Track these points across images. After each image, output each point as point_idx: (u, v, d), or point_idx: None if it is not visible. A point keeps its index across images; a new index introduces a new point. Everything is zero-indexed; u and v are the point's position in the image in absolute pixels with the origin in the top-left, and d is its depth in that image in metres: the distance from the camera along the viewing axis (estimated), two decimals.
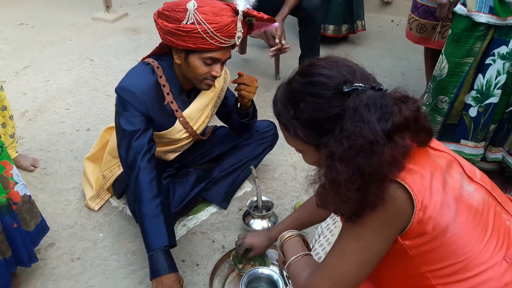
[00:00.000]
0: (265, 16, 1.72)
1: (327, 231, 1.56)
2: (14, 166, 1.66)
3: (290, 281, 1.48)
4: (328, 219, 1.61)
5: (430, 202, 1.00)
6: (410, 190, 0.99)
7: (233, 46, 1.74)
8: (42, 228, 1.80)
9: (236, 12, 1.66)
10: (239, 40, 1.70)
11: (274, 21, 1.79)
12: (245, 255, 1.80)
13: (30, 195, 1.72)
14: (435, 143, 1.15)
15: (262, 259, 1.85)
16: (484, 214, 1.07)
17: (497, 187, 1.20)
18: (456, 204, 1.04)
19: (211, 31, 1.61)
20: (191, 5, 1.61)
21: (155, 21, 1.73)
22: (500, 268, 1.03)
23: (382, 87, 1.03)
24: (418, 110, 1.03)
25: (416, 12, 2.72)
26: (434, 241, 1.02)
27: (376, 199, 0.98)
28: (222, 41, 1.65)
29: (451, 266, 1.03)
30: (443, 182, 1.04)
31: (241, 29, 1.67)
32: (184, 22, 1.62)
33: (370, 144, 0.96)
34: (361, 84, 1.00)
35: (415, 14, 2.74)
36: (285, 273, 1.79)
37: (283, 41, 2.65)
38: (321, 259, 1.24)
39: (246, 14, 1.68)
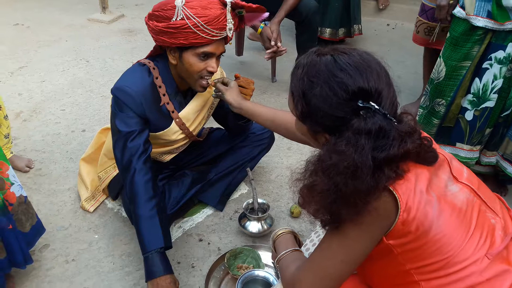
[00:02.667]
0: (254, 6, 1.72)
1: (320, 229, 1.59)
2: (11, 167, 1.65)
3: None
4: None
5: (413, 203, 1.03)
6: (395, 193, 1.02)
7: (226, 39, 1.73)
8: (38, 229, 1.79)
9: (224, 4, 1.67)
10: (231, 32, 1.70)
11: (265, 11, 1.79)
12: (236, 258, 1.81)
13: (26, 196, 1.71)
14: None
15: (257, 262, 1.85)
16: (468, 213, 1.10)
17: (485, 186, 1.22)
18: (440, 203, 1.06)
19: (201, 24, 1.61)
20: (179, 2, 1.62)
21: (146, 23, 1.73)
22: (482, 264, 1.06)
23: (392, 119, 1.01)
24: (421, 144, 1.05)
25: (425, 15, 2.72)
26: (418, 240, 1.05)
27: (350, 213, 1.01)
28: (213, 33, 1.65)
29: (435, 264, 1.06)
30: (427, 183, 1.07)
31: (231, 20, 1.67)
32: (173, 19, 1.62)
33: (355, 169, 0.97)
34: (375, 106, 1.00)
35: (423, 17, 2.74)
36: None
37: (279, 44, 2.65)
38: None
39: (234, 6, 1.68)
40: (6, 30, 4.20)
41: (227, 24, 1.67)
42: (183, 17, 1.61)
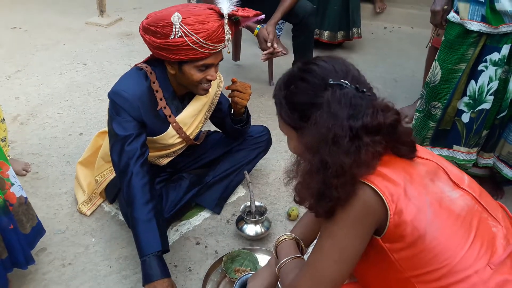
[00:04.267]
0: (251, 14, 1.71)
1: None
2: (11, 167, 1.65)
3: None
4: None
5: (405, 207, 1.04)
6: (380, 193, 1.03)
7: (224, 47, 1.74)
8: (38, 230, 1.79)
9: (221, 15, 1.67)
10: (229, 42, 1.71)
11: (260, 14, 1.78)
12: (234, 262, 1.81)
13: (26, 197, 1.71)
14: (420, 151, 1.17)
15: (254, 265, 1.84)
16: (467, 220, 1.09)
17: (487, 194, 1.21)
18: (434, 209, 1.06)
19: (200, 41, 1.61)
20: (175, 19, 1.60)
21: (142, 36, 1.72)
22: (484, 274, 1.04)
23: (365, 91, 1.07)
24: (396, 121, 1.06)
25: None
26: (414, 246, 1.05)
27: (341, 195, 1.03)
28: (212, 47, 1.65)
29: (435, 272, 1.05)
30: (420, 189, 1.07)
31: (229, 31, 1.68)
32: (172, 37, 1.62)
33: (334, 135, 1.01)
34: (346, 82, 1.06)
35: None
36: None
37: (275, 45, 2.66)
38: None
39: (231, 15, 1.68)
40: (3, 34, 4.20)
41: (225, 36, 1.67)
42: (181, 35, 1.61)
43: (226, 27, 1.66)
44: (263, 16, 1.80)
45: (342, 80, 1.07)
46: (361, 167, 1.02)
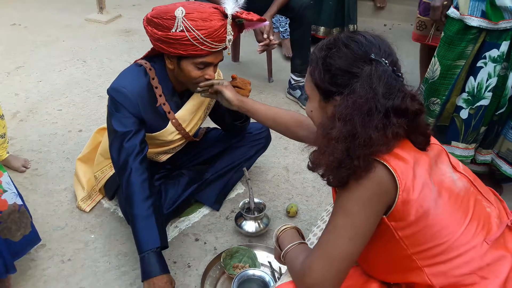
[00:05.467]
0: (255, 18, 1.72)
1: (321, 222, 1.61)
2: (5, 173, 1.62)
3: (280, 277, 1.49)
4: (323, 212, 1.65)
5: (413, 185, 1.07)
6: (393, 171, 1.06)
7: (225, 47, 1.73)
8: (31, 239, 1.74)
9: (225, 15, 1.66)
10: (230, 43, 1.70)
11: (264, 20, 1.79)
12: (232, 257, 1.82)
13: (21, 205, 1.67)
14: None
15: (253, 261, 1.85)
16: (465, 200, 1.15)
17: (479, 180, 1.27)
18: (438, 188, 1.11)
19: (201, 38, 1.61)
20: (179, 12, 1.60)
21: (144, 27, 1.72)
22: (482, 249, 1.10)
23: (400, 74, 1.12)
24: (420, 111, 1.11)
25: (419, 10, 2.73)
26: (418, 223, 1.08)
27: (361, 165, 1.05)
28: (212, 46, 1.65)
29: (435, 248, 1.09)
30: (427, 168, 1.12)
31: (231, 32, 1.67)
32: (173, 30, 1.61)
33: (370, 107, 1.05)
34: (386, 61, 1.10)
35: (418, 13, 2.75)
36: (276, 273, 1.79)
37: (271, 37, 2.65)
38: None
39: (235, 17, 1.67)
40: (3, 30, 4.19)
41: (227, 36, 1.67)
42: (183, 29, 1.60)
43: (229, 27, 1.66)
44: (266, 22, 1.81)
45: (383, 59, 1.10)
46: (383, 145, 1.06)
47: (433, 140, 1.22)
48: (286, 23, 3.71)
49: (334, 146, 1.07)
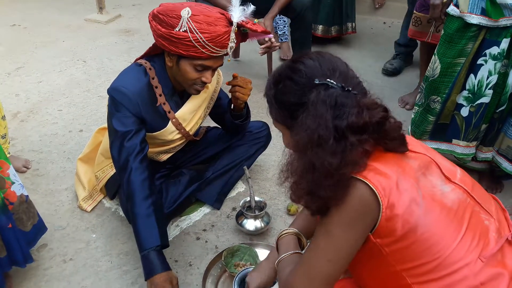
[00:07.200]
0: (260, 29, 1.72)
1: None
2: (11, 166, 1.66)
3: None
4: None
5: (397, 200, 1.03)
6: (373, 188, 1.02)
7: (225, 54, 1.73)
8: (40, 228, 1.80)
9: (230, 22, 1.66)
10: (232, 50, 1.70)
11: (269, 33, 1.79)
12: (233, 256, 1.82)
13: (27, 195, 1.71)
14: (412, 144, 1.17)
15: (254, 260, 1.85)
16: (459, 213, 1.10)
17: (480, 187, 1.22)
18: (427, 202, 1.06)
19: (203, 41, 1.61)
20: (185, 13, 1.61)
21: (149, 22, 1.72)
22: (475, 267, 1.05)
23: (351, 89, 1.05)
24: (383, 118, 1.05)
25: (415, 6, 2.73)
26: (405, 239, 1.04)
27: (331, 194, 1.03)
28: (213, 50, 1.65)
29: (426, 265, 1.05)
30: (413, 181, 1.07)
31: (234, 39, 1.67)
32: (176, 29, 1.61)
33: (318, 137, 1.01)
34: (332, 81, 1.05)
35: (414, 9, 2.76)
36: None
37: (273, 39, 2.66)
38: None
39: (240, 25, 1.67)
40: (3, 31, 4.20)
41: (229, 43, 1.67)
42: (186, 29, 1.60)
43: (232, 35, 1.66)
44: (271, 35, 1.81)
45: (328, 80, 1.05)
46: (349, 166, 1.02)
47: (420, 149, 1.18)
48: (284, 26, 3.71)
49: (299, 178, 1.07)
